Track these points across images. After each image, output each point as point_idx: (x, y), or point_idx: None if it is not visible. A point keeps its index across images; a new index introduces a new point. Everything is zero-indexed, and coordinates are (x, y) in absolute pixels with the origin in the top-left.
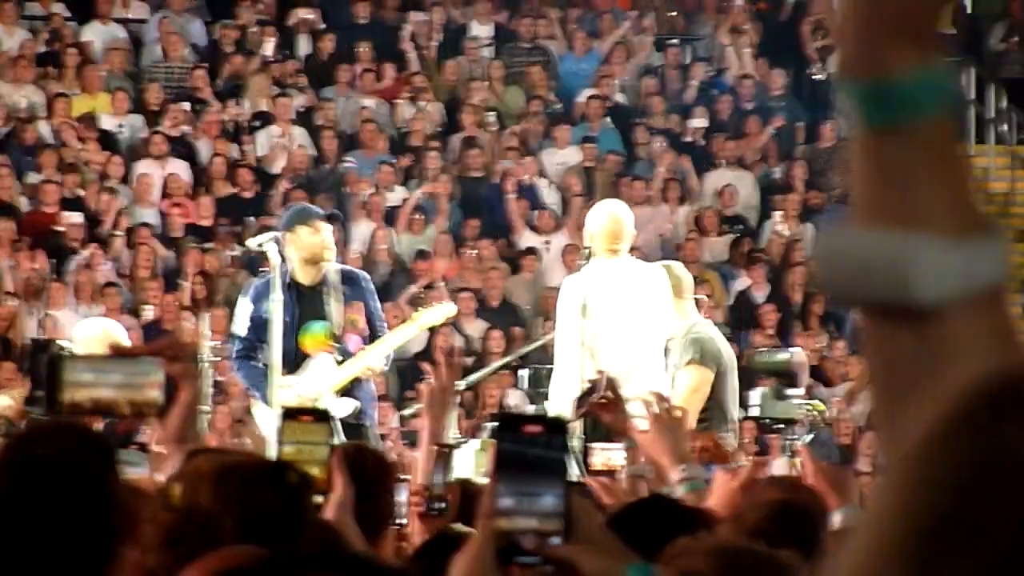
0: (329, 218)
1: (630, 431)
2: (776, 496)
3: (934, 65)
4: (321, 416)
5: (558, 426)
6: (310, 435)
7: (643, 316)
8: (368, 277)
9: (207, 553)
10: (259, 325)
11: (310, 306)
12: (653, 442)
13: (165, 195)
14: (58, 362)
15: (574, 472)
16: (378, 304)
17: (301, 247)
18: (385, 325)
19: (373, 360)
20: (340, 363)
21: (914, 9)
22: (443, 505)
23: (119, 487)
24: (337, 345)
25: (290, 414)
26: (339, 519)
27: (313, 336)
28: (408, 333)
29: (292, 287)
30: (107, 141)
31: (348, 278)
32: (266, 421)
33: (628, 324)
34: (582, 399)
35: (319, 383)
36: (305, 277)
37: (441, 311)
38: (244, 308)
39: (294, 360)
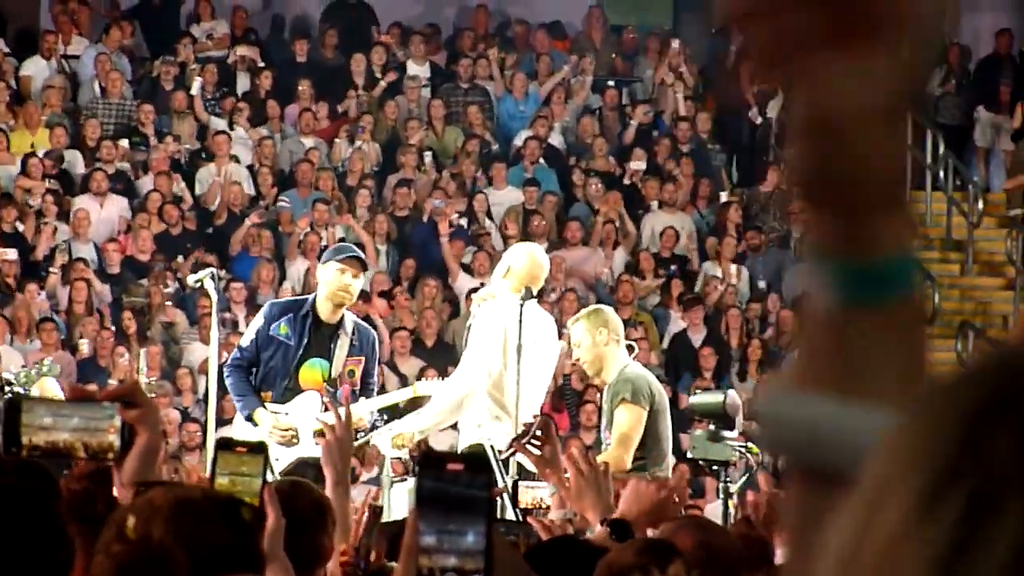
0: (363, 265)
1: (559, 475)
2: (695, 538)
3: (910, 244)
4: (256, 449)
5: (480, 464)
6: (244, 467)
7: (548, 363)
8: (377, 338)
9: None
10: (263, 341)
11: (320, 342)
12: (579, 494)
13: (103, 231)
14: (17, 404)
15: (510, 512)
16: (376, 367)
17: (326, 282)
18: (375, 389)
19: (359, 411)
20: (325, 408)
21: (894, 186)
22: (367, 566)
23: (64, 513)
24: (329, 389)
25: (225, 445)
26: (270, 551)
27: (312, 371)
28: (402, 396)
29: (311, 317)
30: (44, 176)
31: (360, 331)
32: (243, 434)
33: (539, 369)
34: (515, 439)
35: (301, 420)
36: (326, 313)
37: (438, 385)
38: (255, 323)
39: (285, 386)
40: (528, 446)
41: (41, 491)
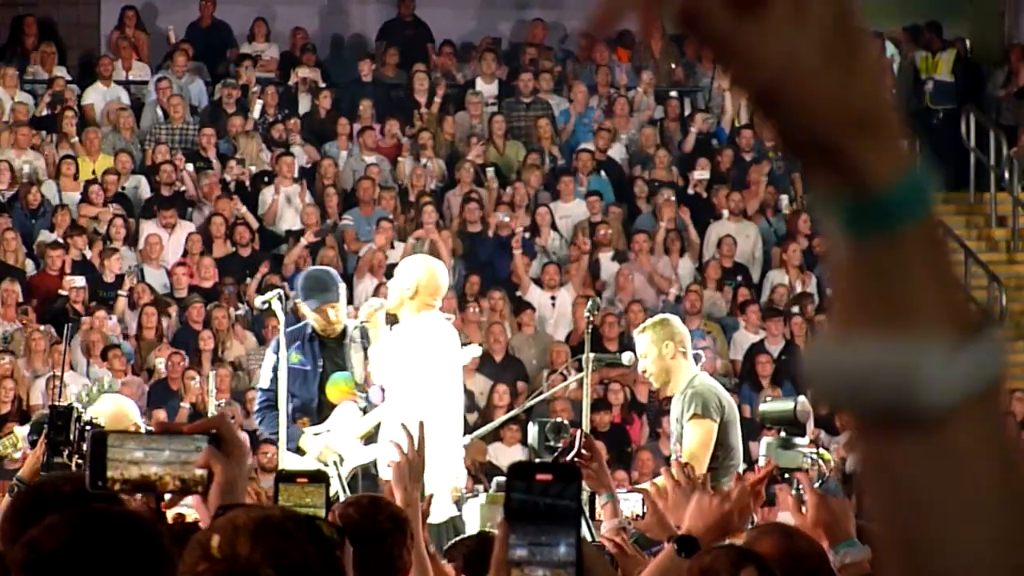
0: (337, 296)
1: (608, 488)
2: (777, 543)
3: (914, 166)
4: (317, 478)
5: (570, 474)
6: (305, 497)
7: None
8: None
9: None
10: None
11: (333, 357)
12: (676, 507)
13: (171, 255)
14: (105, 438)
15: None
16: None
17: (312, 318)
18: None
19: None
20: (364, 412)
21: (870, 120)
22: None
23: (168, 536)
24: (361, 394)
25: (286, 477)
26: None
27: (337, 386)
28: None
29: (315, 338)
30: (113, 202)
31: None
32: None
33: (453, 383)
34: (559, 455)
35: (346, 434)
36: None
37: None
38: (268, 360)
39: (318, 410)
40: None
41: (147, 516)
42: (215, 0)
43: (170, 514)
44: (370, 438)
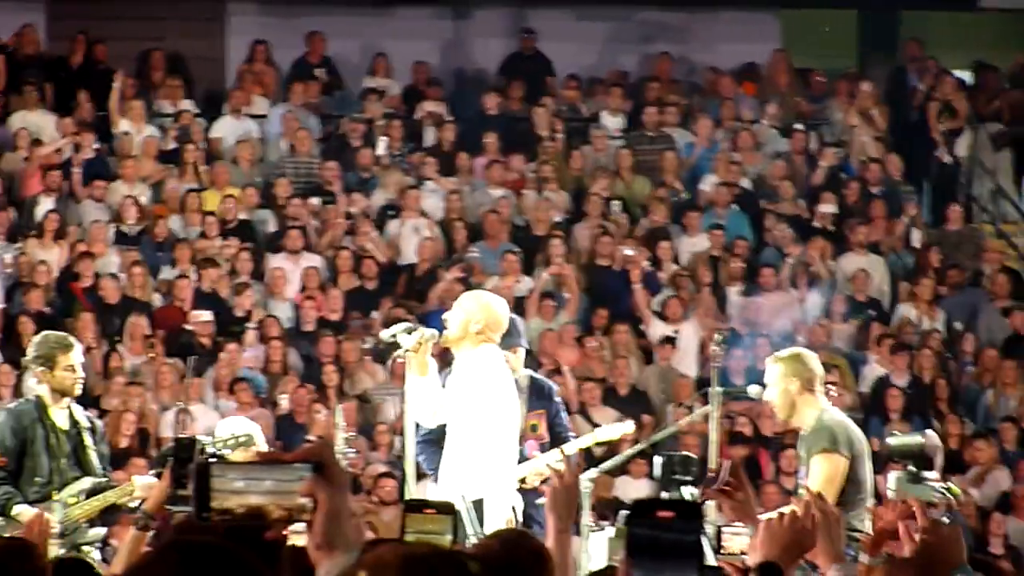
0: (518, 341)
1: (754, 520)
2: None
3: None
4: (445, 510)
5: (692, 511)
6: (432, 526)
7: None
8: (556, 388)
9: None
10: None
11: None
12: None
13: (296, 288)
14: (208, 469)
15: (708, 556)
16: (564, 415)
17: None
18: (571, 433)
19: (543, 466)
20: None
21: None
22: None
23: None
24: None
25: (413, 507)
26: None
27: None
28: (583, 443)
29: None
30: (239, 235)
31: (536, 387)
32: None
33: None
34: (706, 486)
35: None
36: None
37: (619, 428)
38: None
39: None
40: (720, 492)
41: (250, 552)
42: (325, 37)
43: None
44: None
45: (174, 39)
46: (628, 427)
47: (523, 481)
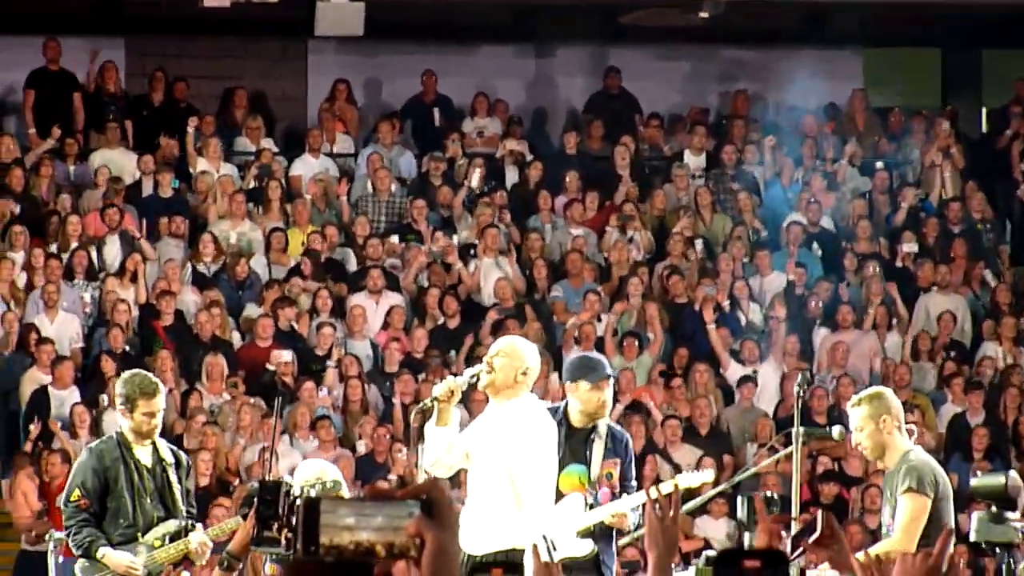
0: (609, 376)
1: (851, 567)
2: None
3: None
4: (512, 569)
5: (777, 559)
6: None
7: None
8: (630, 440)
9: None
10: None
11: (575, 448)
12: None
13: (377, 327)
14: (317, 504)
15: None
16: (633, 468)
17: (581, 399)
18: (634, 487)
19: (621, 507)
20: (589, 507)
21: None
22: None
23: None
24: (591, 491)
25: (480, 568)
26: None
27: (570, 478)
28: (663, 490)
29: (565, 424)
30: (318, 274)
31: (614, 434)
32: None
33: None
34: (798, 537)
35: (566, 524)
36: (578, 422)
37: (699, 477)
38: None
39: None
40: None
41: None
42: (436, 75)
43: None
44: (588, 534)
45: (254, 78)
46: (708, 476)
47: (600, 525)
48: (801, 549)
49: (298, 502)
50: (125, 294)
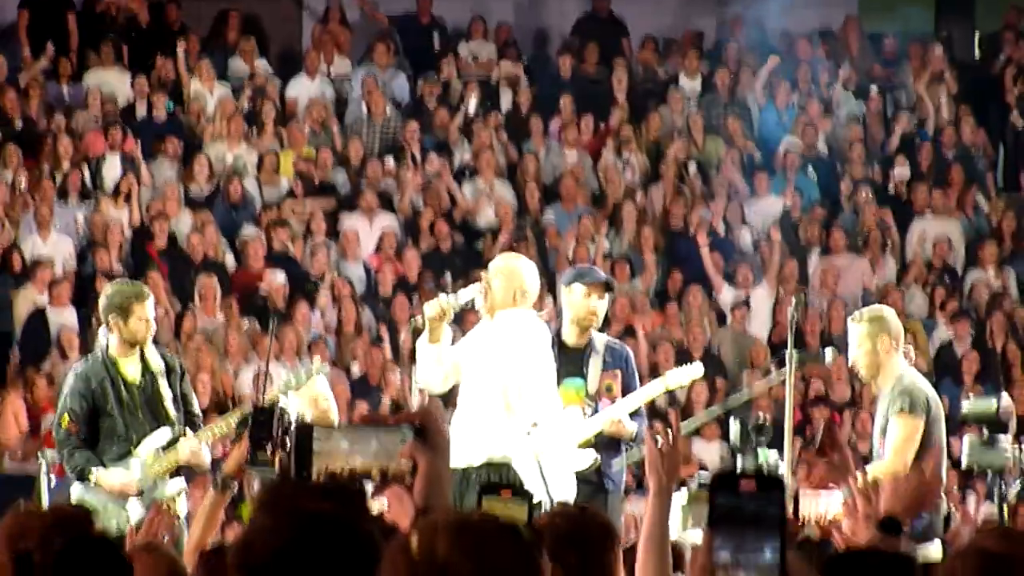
0: (607, 287)
1: (851, 480)
2: (989, 547)
3: None
4: (519, 492)
5: (773, 482)
6: (507, 510)
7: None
8: (631, 354)
9: None
10: None
11: (570, 365)
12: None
13: (371, 249)
14: (310, 431)
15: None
16: (636, 380)
17: (574, 306)
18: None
19: (618, 413)
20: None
21: None
22: None
23: (375, 534)
24: (590, 404)
25: (490, 489)
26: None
27: (568, 392)
28: (654, 391)
29: (556, 343)
30: (312, 195)
31: (612, 349)
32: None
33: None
34: (802, 448)
35: (565, 438)
36: (572, 338)
37: (688, 372)
38: None
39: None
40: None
41: (354, 515)
42: None
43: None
44: (588, 444)
45: (248, 1)
46: (697, 371)
47: (599, 434)
48: (800, 458)
49: (292, 428)
50: (117, 215)
